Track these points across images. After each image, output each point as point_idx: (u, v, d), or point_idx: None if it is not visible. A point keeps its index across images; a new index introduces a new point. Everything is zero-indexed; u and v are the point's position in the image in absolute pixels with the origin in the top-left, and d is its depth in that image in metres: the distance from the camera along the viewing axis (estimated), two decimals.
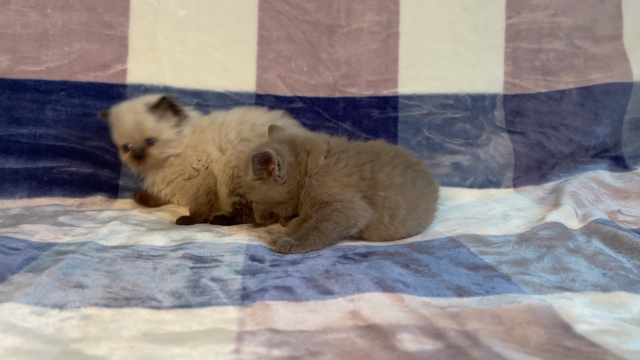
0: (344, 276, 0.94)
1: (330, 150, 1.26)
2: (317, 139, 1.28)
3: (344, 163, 1.23)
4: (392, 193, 1.22)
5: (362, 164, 1.23)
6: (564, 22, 1.91)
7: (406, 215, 1.24)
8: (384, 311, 0.77)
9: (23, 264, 0.98)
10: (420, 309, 0.78)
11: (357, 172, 1.22)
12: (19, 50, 1.62)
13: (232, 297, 0.86)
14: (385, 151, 1.29)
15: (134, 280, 0.93)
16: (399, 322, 0.72)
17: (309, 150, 1.25)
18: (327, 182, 1.21)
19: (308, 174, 1.23)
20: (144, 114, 1.44)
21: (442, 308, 0.80)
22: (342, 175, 1.22)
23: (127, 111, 1.46)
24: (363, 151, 1.27)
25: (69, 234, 1.22)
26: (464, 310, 0.78)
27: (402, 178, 1.25)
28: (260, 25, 1.76)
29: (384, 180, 1.22)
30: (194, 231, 1.30)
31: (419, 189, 1.28)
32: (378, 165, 1.24)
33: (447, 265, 1.05)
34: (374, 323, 0.73)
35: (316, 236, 1.16)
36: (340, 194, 1.19)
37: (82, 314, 0.77)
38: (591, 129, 1.90)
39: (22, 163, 1.60)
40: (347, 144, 1.30)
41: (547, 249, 1.12)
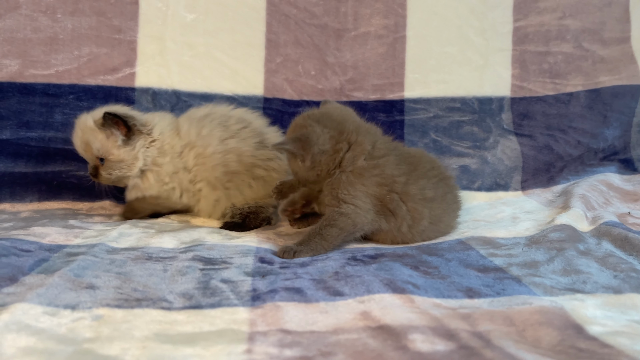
0: (353, 278, 0.94)
1: (373, 153, 1.22)
2: (364, 135, 1.22)
3: (380, 170, 1.20)
4: (420, 205, 1.21)
5: (398, 175, 1.21)
6: (572, 25, 1.91)
7: (427, 227, 1.24)
8: (394, 312, 0.77)
9: (34, 266, 0.99)
10: (431, 310, 0.78)
11: (389, 184, 1.20)
12: (29, 55, 1.64)
13: (242, 298, 0.86)
14: (424, 163, 1.28)
15: (144, 281, 0.93)
16: (410, 322, 0.72)
17: (351, 145, 1.21)
18: (355, 184, 1.18)
19: (342, 168, 1.20)
20: (92, 131, 1.39)
21: (453, 309, 0.79)
22: (372, 183, 1.20)
23: (78, 126, 1.41)
24: (402, 161, 1.24)
25: (80, 236, 1.23)
26: (475, 311, 0.78)
27: (433, 192, 1.24)
28: (268, 29, 1.77)
29: (416, 194, 1.21)
30: (204, 233, 1.30)
31: (447, 204, 1.29)
32: (413, 178, 1.22)
33: (456, 267, 1.05)
34: (385, 324, 0.73)
35: (318, 242, 1.16)
36: (360, 199, 1.18)
37: (94, 315, 0.78)
38: (600, 131, 1.89)
39: (32, 167, 1.61)
40: (391, 149, 1.25)
41: (557, 251, 1.12)
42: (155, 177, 1.44)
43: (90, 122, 1.40)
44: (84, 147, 1.41)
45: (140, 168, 1.42)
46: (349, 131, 1.22)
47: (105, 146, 1.40)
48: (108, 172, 1.42)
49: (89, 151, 1.41)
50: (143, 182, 1.45)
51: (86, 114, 1.44)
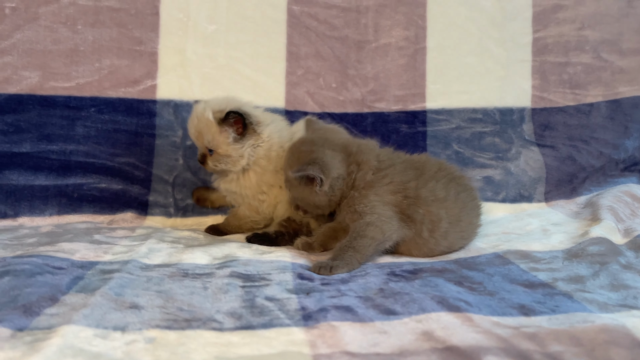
0: (402, 295, 0.92)
1: (379, 166, 1.24)
2: (368, 153, 1.25)
3: (390, 179, 1.22)
4: (434, 207, 1.21)
5: (408, 181, 1.22)
6: (591, 36, 1.91)
7: (448, 228, 1.22)
8: (458, 332, 0.75)
9: (71, 284, 0.96)
10: (494, 330, 0.76)
11: (402, 191, 1.21)
12: (49, 67, 1.62)
13: (293, 317, 0.84)
14: (429, 166, 1.28)
15: (187, 300, 0.90)
16: (479, 344, 0.70)
17: (360, 164, 1.23)
18: (369, 195, 1.20)
19: (355, 188, 1.22)
20: (208, 123, 1.38)
21: (515, 328, 0.77)
22: (385, 191, 1.21)
23: (196, 114, 1.41)
24: (409, 167, 1.26)
25: (109, 252, 1.20)
26: (539, 330, 0.76)
27: (445, 192, 1.23)
28: (289, 41, 1.75)
29: (427, 196, 1.21)
30: (233, 248, 1.28)
31: (462, 203, 1.27)
32: (422, 181, 1.23)
33: (501, 282, 1.03)
34: (452, 345, 0.71)
35: (352, 256, 1.14)
36: (378, 207, 1.18)
37: (146, 337, 0.75)
38: (621, 142, 1.88)
39: (52, 180, 1.59)
40: (395, 158, 1.28)
41: (599, 265, 1.10)
42: (257, 179, 1.43)
43: (209, 114, 1.38)
44: (197, 135, 1.41)
45: (243, 166, 1.42)
46: (354, 153, 1.25)
47: (216, 140, 1.39)
48: (214, 163, 1.42)
49: (201, 140, 1.41)
50: (244, 179, 1.44)
51: (205, 103, 1.42)
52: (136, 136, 1.65)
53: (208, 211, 1.66)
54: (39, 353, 0.67)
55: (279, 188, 1.45)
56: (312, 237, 1.31)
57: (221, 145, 1.39)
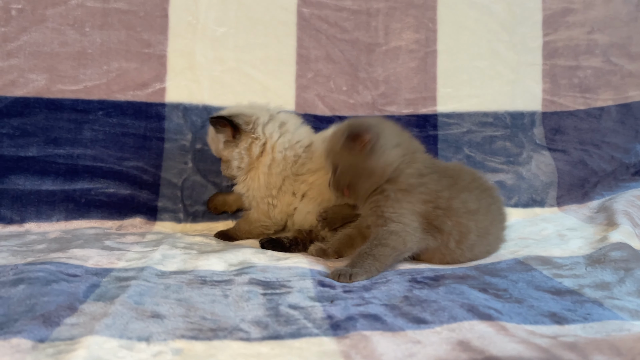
0: (429, 303, 0.90)
1: (422, 171, 1.21)
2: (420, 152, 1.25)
3: (425, 187, 1.18)
4: (465, 219, 1.18)
5: (441, 190, 1.19)
6: (600, 39, 1.90)
7: (476, 240, 1.20)
8: (495, 342, 0.72)
9: (88, 292, 0.94)
10: (532, 339, 0.74)
11: (433, 201, 1.17)
12: (57, 69, 1.59)
13: (320, 326, 0.81)
14: (463, 175, 1.25)
15: (210, 309, 0.88)
16: (520, 354, 0.68)
17: (412, 156, 1.22)
18: (402, 202, 1.16)
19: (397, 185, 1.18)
20: (211, 132, 1.46)
21: (553, 338, 0.75)
22: (418, 200, 1.17)
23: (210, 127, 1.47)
24: (443, 175, 1.22)
25: (122, 258, 1.17)
26: (578, 340, 0.74)
27: (477, 204, 1.20)
28: (299, 44, 1.73)
29: (458, 207, 1.18)
30: (248, 254, 1.25)
31: (492, 215, 1.25)
32: (455, 192, 1.19)
33: (526, 289, 1.01)
34: (492, 356, 0.68)
35: (372, 264, 1.11)
36: (406, 217, 1.15)
37: (173, 348, 0.73)
38: (632, 146, 1.87)
39: (59, 184, 1.56)
40: (435, 166, 1.24)
41: (624, 271, 1.08)
42: (264, 180, 1.42)
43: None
44: (210, 146, 1.50)
45: (238, 167, 1.42)
46: (409, 139, 1.25)
47: (217, 148, 1.46)
48: (222, 169, 1.48)
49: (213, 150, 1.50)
50: (251, 180, 1.43)
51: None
52: (145, 140, 1.62)
53: (218, 216, 1.64)
54: None
55: (292, 195, 1.43)
56: (326, 243, 1.28)
57: (220, 152, 1.45)
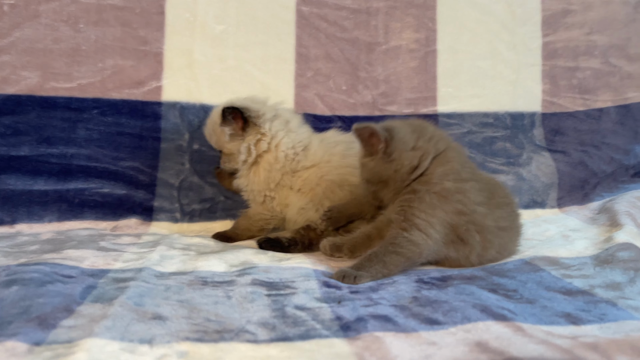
0: (439, 303, 0.87)
1: (461, 175, 1.13)
2: (454, 151, 1.17)
3: (463, 196, 1.11)
4: (492, 236, 1.14)
5: (479, 203, 1.13)
6: (599, 41, 1.90)
7: (495, 256, 1.17)
8: (514, 343, 0.70)
9: (85, 293, 0.90)
10: (552, 340, 0.71)
11: (469, 215, 1.11)
12: (50, 67, 1.55)
13: (330, 328, 0.78)
14: (499, 191, 1.21)
15: (213, 310, 0.85)
16: (542, 356, 0.65)
17: (439, 154, 1.14)
18: (436, 209, 1.09)
19: (429, 185, 1.11)
20: (215, 125, 1.40)
21: (572, 338, 0.73)
22: (453, 210, 1.10)
23: (210, 117, 1.43)
24: (483, 188, 1.16)
25: (119, 259, 1.13)
26: (598, 340, 0.72)
27: (508, 222, 1.18)
28: (299, 42, 1.71)
29: (491, 225, 1.14)
30: (249, 254, 1.22)
31: (515, 233, 1.23)
32: (491, 208, 1.15)
33: (537, 289, 0.98)
34: (512, 357, 0.66)
35: (379, 270, 1.06)
36: (434, 228, 1.09)
37: (177, 351, 0.69)
38: (631, 147, 1.87)
39: (52, 184, 1.51)
40: (474, 172, 1.18)
41: (634, 271, 1.06)
42: (265, 175, 1.39)
43: (216, 116, 1.40)
44: (209, 138, 1.45)
45: (243, 161, 1.40)
46: (434, 136, 1.16)
47: (220, 140, 1.41)
48: (223, 162, 1.45)
49: (212, 142, 1.45)
50: (253, 174, 1.41)
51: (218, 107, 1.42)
52: (141, 139, 1.58)
53: (215, 216, 1.60)
54: None
55: (289, 189, 1.41)
56: (342, 238, 1.23)
57: (223, 144, 1.41)
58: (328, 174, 1.37)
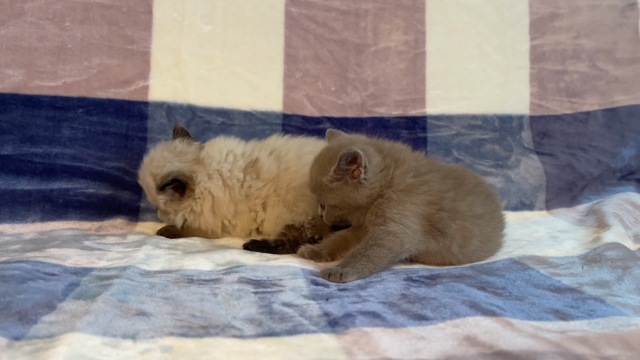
0: (428, 300, 0.87)
1: (419, 169, 1.16)
2: (404, 152, 1.19)
3: (428, 187, 1.13)
4: (469, 223, 1.14)
5: (446, 190, 1.14)
6: (586, 45, 1.92)
7: (478, 246, 1.16)
8: (503, 337, 0.69)
9: (67, 290, 0.88)
10: (541, 334, 0.71)
11: (438, 202, 1.12)
12: (35, 65, 1.53)
13: (318, 323, 0.77)
14: (468, 178, 1.21)
15: (199, 307, 0.83)
16: (532, 348, 0.65)
17: (397, 161, 1.15)
18: (405, 203, 1.11)
19: (393, 187, 1.13)
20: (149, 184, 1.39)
21: (562, 332, 0.72)
22: (422, 201, 1.12)
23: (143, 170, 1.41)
24: (447, 175, 1.18)
25: (103, 258, 1.11)
26: (588, 334, 0.71)
27: (482, 209, 1.17)
28: (287, 43, 1.70)
29: (465, 210, 1.13)
30: (236, 254, 1.20)
31: (495, 222, 1.22)
32: (461, 194, 1.15)
33: (525, 287, 0.98)
34: (502, 350, 0.65)
35: (365, 265, 1.05)
36: (408, 218, 1.10)
37: (162, 345, 0.67)
38: (618, 150, 1.88)
39: (36, 184, 1.49)
40: (433, 165, 1.20)
41: (622, 270, 1.06)
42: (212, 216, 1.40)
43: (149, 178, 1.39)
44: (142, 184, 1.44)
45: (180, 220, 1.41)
46: (389, 148, 1.18)
47: (156, 200, 1.41)
48: (160, 214, 1.45)
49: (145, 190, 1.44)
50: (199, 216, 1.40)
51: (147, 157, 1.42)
52: (126, 139, 1.56)
53: None
54: None
55: (250, 213, 1.41)
56: (319, 245, 1.23)
57: (160, 204, 1.40)
58: (293, 181, 1.36)
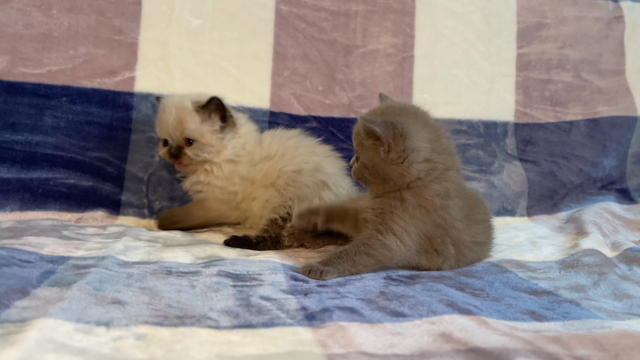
0: (406, 298, 0.87)
1: (450, 193, 1.08)
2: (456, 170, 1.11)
3: (446, 212, 1.07)
4: (468, 249, 1.13)
5: (458, 220, 1.09)
6: (571, 55, 1.94)
7: (466, 265, 1.16)
8: (478, 334, 0.69)
9: (42, 278, 0.87)
10: (515, 333, 0.71)
11: (447, 229, 1.08)
12: (19, 52, 1.51)
13: (295, 317, 0.77)
14: (479, 208, 1.20)
15: (176, 297, 0.82)
16: (505, 346, 0.65)
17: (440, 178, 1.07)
18: (416, 220, 1.06)
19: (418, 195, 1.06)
20: (188, 112, 1.37)
21: (536, 332, 0.73)
22: (432, 222, 1.07)
23: (173, 105, 1.38)
24: (464, 205, 1.12)
25: (81, 248, 1.10)
26: (561, 335, 0.72)
27: (484, 237, 1.18)
28: (276, 41, 1.70)
29: (466, 240, 1.12)
30: (216, 248, 1.20)
31: (489, 247, 1.24)
32: (468, 224, 1.12)
33: (503, 289, 0.99)
34: (476, 347, 0.65)
35: (347, 268, 1.04)
36: (410, 236, 1.06)
37: (135, 333, 0.67)
38: (599, 160, 1.91)
39: (15, 173, 1.47)
40: (460, 188, 1.13)
41: (598, 275, 1.08)
42: (229, 170, 1.41)
43: (187, 103, 1.37)
44: (176, 125, 1.37)
45: (227, 158, 1.40)
46: (447, 149, 1.10)
47: (200, 129, 1.37)
48: (196, 152, 1.38)
49: (180, 130, 1.37)
50: (216, 170, 1.40)
51: (173, 96, 1.42)
52: (110, 130, 1.55)
53: None
54: (15, 346, 0.58)
55: (251, 184, 1.42)
56: (317, 206, 1.20)
57: (205, 133, 1.38)
58: (286, 166, 1.40)
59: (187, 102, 1.38)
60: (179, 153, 1.38)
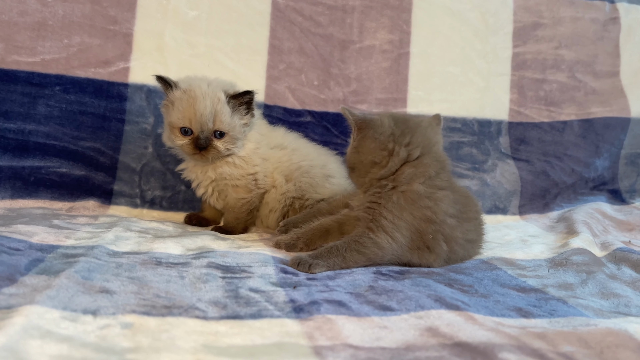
0: (395, 292, 0.87)
1: (434, 181, 1.10)
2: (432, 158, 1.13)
3: (434, 204, 1.08)
4: (460, 247, 1.14)
5: (451, 216, 1.10)
6: (567, 56, 1.95)
7: (456, 262, 1.16)
8: (465, 329, 0.70)
9: (31, 266, 0.86)
10: (501, 328, 0.72)
11: (438, 224, 1.08)
12: (13, 39, 1.50)
13: (282, 309, 0.77)
14: (471, 205, 1.20)
15: (164, 288, 0.82)
16: (491, 341, 0.65)
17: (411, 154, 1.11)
18: (403, 211, 1.07)
19: (395, 183, 1.10)
20: (223, 104, 1.30)
21: (522, 328, 0.73)
22: (422, 216, 1.07)
23: (204, 94, 1.29)
24: (457, 200, 1.13)
25: (71, 237, 1.10)
26: (546, 331, 0.72)
27: (475, 235, 1.19)
28: (272, 34, 1.70)
29: (458, 237, 1.12)
30: (207, 240, 1.20)
31: (480, 244, 1.25)
32: (460, 221, 1.13)
33: (492, 286, 0.99)
34: (462, 341, 0.66)
35: (337, 263, 1.04)
36: (400, 232, 1.07)
37: (122, 322, 0.67)
38: (592, 161, 1.91)
39: (7, 161, 1.46)
40: (451, 183, 1.15)
41: (586, 274, 1.09)
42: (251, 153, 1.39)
43: (220, 94, 1.31)
44: (210, 117, 1.29)
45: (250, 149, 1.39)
46: (413, 142, 1.12)
47: (232, 122, 1.33)
48: (227, 146, 1.33)
49: (213, 122, 1.31)
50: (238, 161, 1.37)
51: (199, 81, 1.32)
52: (104, 120, 1.54)
53: (177, 206, 1.58)
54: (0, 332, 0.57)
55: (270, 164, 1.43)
56: (296, 232, 1.20)
57: (236, 127, 1.34)
58: (303, 160, 1.45)
59: (220, 92, 1.31)
60: (208, 145, 1.31)
